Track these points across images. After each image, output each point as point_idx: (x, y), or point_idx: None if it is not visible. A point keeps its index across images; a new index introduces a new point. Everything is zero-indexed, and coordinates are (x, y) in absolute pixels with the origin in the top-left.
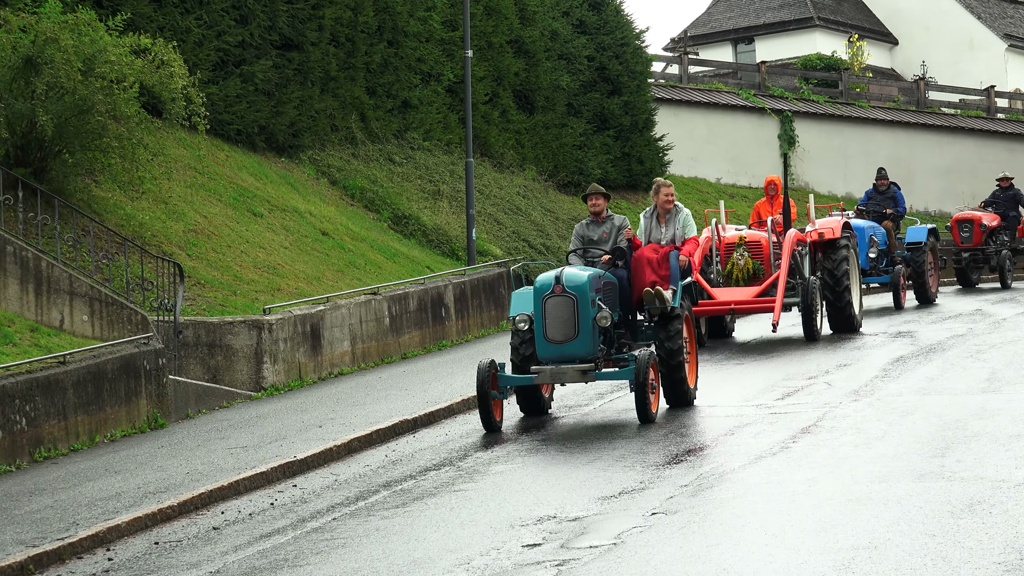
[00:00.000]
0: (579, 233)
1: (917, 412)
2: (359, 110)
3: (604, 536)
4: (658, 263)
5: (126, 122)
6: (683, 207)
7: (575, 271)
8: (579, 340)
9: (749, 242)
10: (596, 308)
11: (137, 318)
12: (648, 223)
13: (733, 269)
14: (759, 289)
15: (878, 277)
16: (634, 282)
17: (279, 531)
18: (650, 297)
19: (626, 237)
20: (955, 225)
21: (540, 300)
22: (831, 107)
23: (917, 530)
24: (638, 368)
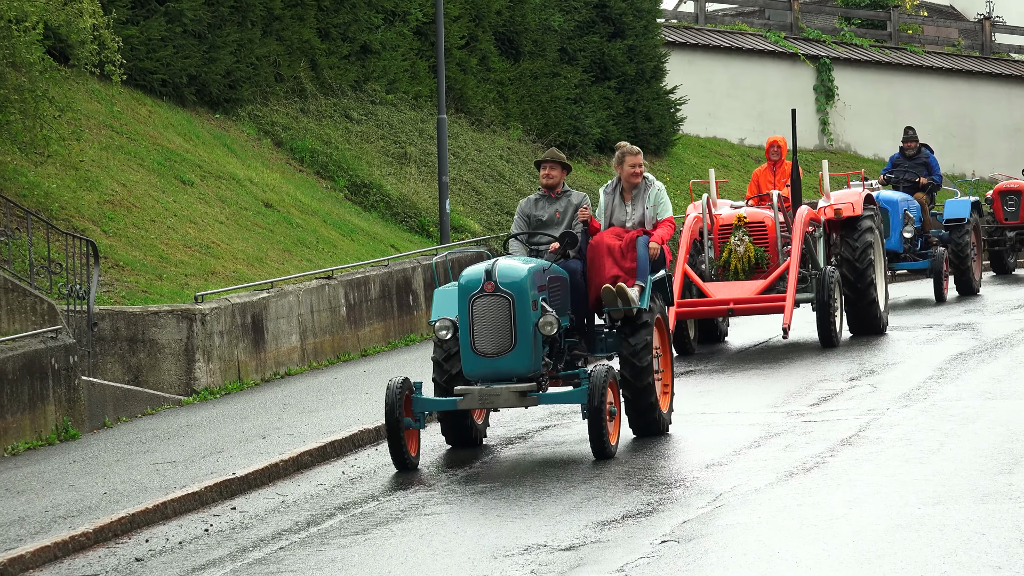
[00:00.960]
0: (524, 212)
1: (980, 420)
2: (309, 56)
3: (604, 569)
4: (622, 252)
5: (27, 70)
6: (655, 180)
7: (512, 263)
8: (516, 352)
9: (750, 223)
10: (539, 311)
11: (43, 307)
12: (610, 201)
13: (731, 258)
14: (764, 283)
15: (914, 263)
16: (591, 277)
17: (215, 563)
18: (610, 296)
19: (581, 219)
20: (997, 197)
21: (466, 301)
22: (878, 53)
23: (979, 562)
24: (592, 389)
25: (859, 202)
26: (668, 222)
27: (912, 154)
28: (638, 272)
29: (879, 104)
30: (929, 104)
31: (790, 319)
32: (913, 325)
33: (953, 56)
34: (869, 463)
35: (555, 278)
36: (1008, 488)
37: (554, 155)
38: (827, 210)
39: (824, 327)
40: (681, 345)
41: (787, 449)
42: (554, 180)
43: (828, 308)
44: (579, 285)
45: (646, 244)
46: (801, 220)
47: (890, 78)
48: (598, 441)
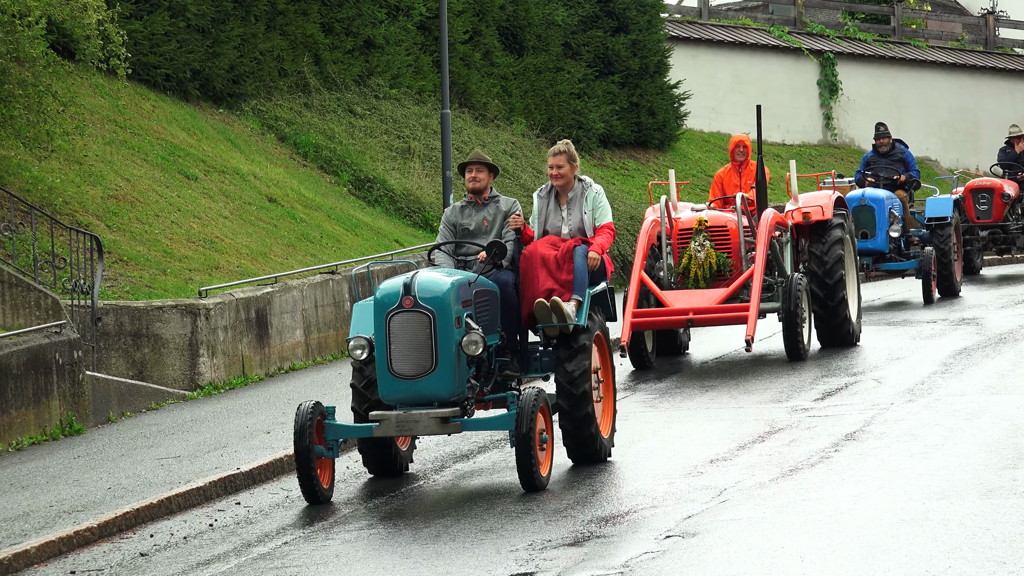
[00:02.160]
0: (449, 221)
1: (984, 415)
2: (313, 51)
3: (609, 564)
4: (557, 263)
5: (31, 65)
6: (593, 182)
7: (434, 276)
8: (437, 374)
9: (712, 227)
10: (463, 329)
11: (47, 302)
12: (544, 207)
13: (691, 264)
14: (726, 292)
15: (900, 263)
16: (524, 290)
17: (219, 558)
18: (544, 312)
19: (513, 227)
20: (969, 195)
21: (383, 318)
22: (881, 47)
23: (984, 556)
24: (520, 414)
25: (829, 205)
26: (607, 228)
27: (886, 151)
28: (575, 285)
29: (883, 99)
30: (933, 99)
31: (754, 330)
32: (917, 320)
33: (957, 51)
34: (873, 458)
35: (483, 292)
36: (1013, 483)
37: (479, 157)
38: (795, 213)
39: (791, 339)
40: (638, 358)
41: (791, 444)
42: (481, 184)
43: (795, 318)
44: (511, 299)
45: (584, 254)
46: (766, 224)
47: (894, 73)
48: (527, 472)
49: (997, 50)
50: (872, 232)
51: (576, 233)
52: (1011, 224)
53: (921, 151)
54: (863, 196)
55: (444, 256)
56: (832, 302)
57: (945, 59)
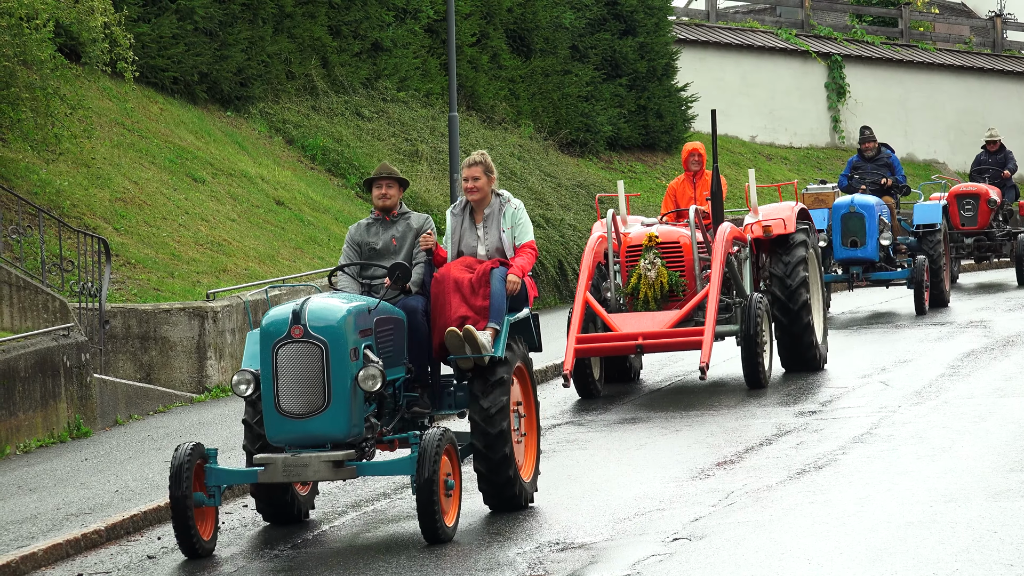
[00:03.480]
0: (354, 239)
1: (992, 417)
2: (320, 54)
3: (616, 566)
4: (472, 287)
5: (39, 68)
6: (512, 197)
7: (327, 303)
8: (330, 413)
9: (663, 244)
10: (360, 361)
11: (55, 305)
12: (458, 224)
13: (640, 284)
14: (679, 314)
15: (891, 272)
16: (435, 318)
17: (227, 560)
18: (455, 341)
19: (424, 247)
20: (953, 201)
21: (270, 350)
22: (889, 50)
23: (992, 559)
24: (422, 457)
25: (791, 217)
26: (529, 248)
27: (872, 155)
28: (491, 311)
29: (890, 101)
30: (940, 101)
31: (709, 357)
32: (924, 323)
33: (964, 53)
34: (881, 460)
35: (386, 320)
36: (1020, 485)
37: (387, 170)
38: (754, 227)
39: (750, 364)
40: (584, 387)
41: (799, 447)
42: (390, 201)
43: (755, 342)
44: (420, 328)
45: (502, 277)
46: (723, 239)
47: (901, 75)
48: (429, 521)
49: (1005, 52)
50: (862, 240)
51: (494, 254)
52: (996, 231)
53: (929, 154)
54: (852, 203)
55: (347, 279)
56: (796, 328)
57: (953, 62)
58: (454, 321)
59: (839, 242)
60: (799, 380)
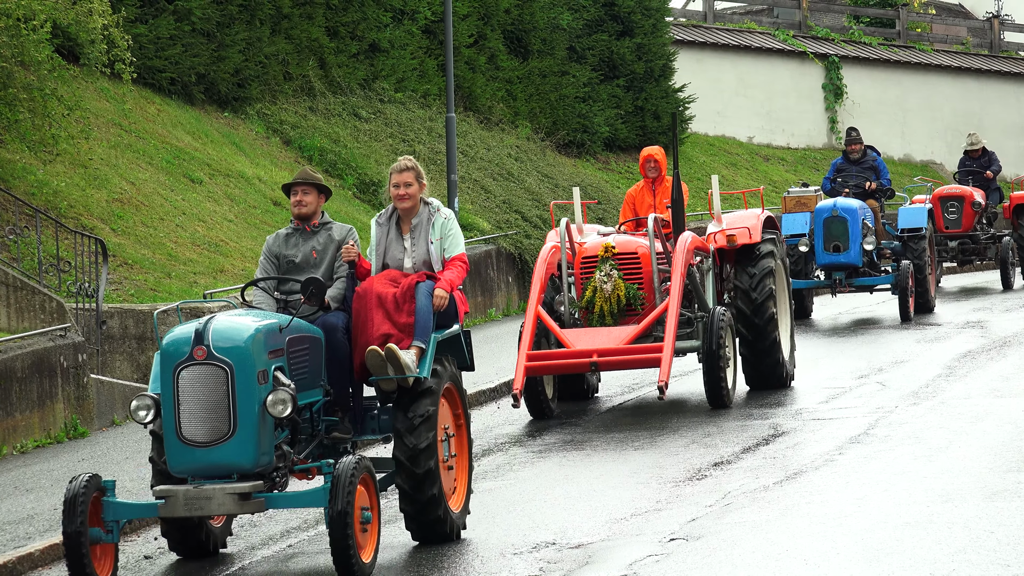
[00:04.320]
0: (271, 251)
1: (989, 418)
2: (318, 55)
3: (613, 567)
4: (396, 303)
5: (36, 69)
6: (441, 206)
7: (233, 321)
8: (236, 441)
9: (620, 255)
10: (270, 385)
11: (52, 305)
12: (383, 235)
13: (595, 298)
14: (637, 329)
15: (875, 278)
16: (356, 336)
17: (224, 560)
18: (376, 361)
19: (345, 259)
20: (937, 203)
21: (171, 372)
22: (886, 51)
23: (989, 559)
24: (335, 488)
25: (757, 226)
26: (459, 261)
27: (857, 158)
28: (417, 329)
29: (888, 102)
30: (938, 102)
31: (668, 375)
32: (922, 323)
33: (962, 54)
34: (877, 461)
35: (300, 339)
36: (1017, 486)
37: (305, 175)
38: (717, 236)
39: (713, 382)
40: (536, 406)
41: (795, 447)
42: (308, 208)
43: (717, 359)
44: (340, 347)
45: (429, 292)
46: (684, 250)
47: (899, 76)
48: (342, 558)
49: (1002, 54)
50: (845, 245)
51: (421, 267)
52: (980, 234)
53: (926, 155)
54: (835, 206)
55: (263, 295)
56: (762, 344)
57: (950, 63)
58: (376, 339)
59: (821, 247)
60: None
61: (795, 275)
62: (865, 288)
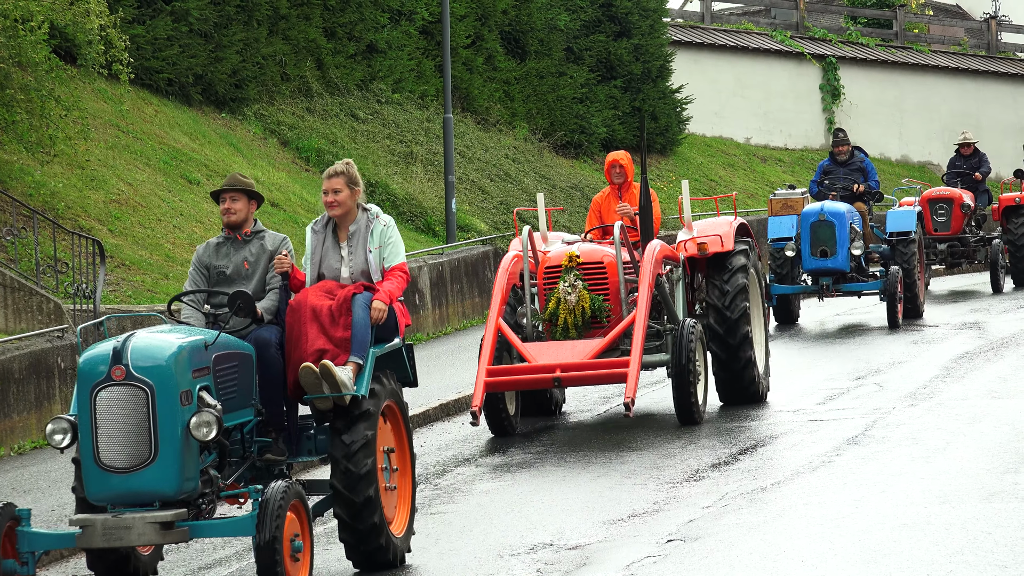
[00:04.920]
0: (201, 262)
1: (986, 419)
2: (315, 56)
3: (610, 567)
4: (332, 316)
5: (34, 70)
6: (381, 212)
7: (153, 339)
8: (158, 466)
9: (585, 264)
10: (193, 406)
11: (49, 306)
12: (319, 244)
13: (559, 310)
14: (602, 343)
15: (863, 284)
16: (290, 352)
17: (221, 562)
18: (311, 379)
19: (279, 269)
20: (926, 205)
21: (87, 394)
22: (884, 52)
23: (986, 561)
24: (262, 515)
25: (730, 234)
26: (399, 271)
27: (844, 159)
28: (353, 343)
29: (885, 103)
30: (935, 103)
31: (634, 391)
32: (919, 324)
33: (959, 55)
34: (875, 462)
35: (228, 356)
36: (1014, 487)
37: (234, 180)
38: (688, 244)
39: (682, 398)
40: (497, 424)
41: (793, 448)
42: (235, 216)
43: (687, 373)
44: (272, 363)
45: (366, 304)
46: (652, 259)
47: (896, 77)
48: None
49: (999, 55)
50: (832, 249)
51: (359, 277)
52: (970, 236)
53: (924, 156)
54: (822, 210)
55: (191, 309)
56: (736, 364)
57: (947, 64)
58: (310, 355)
59: (808, 251)
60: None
61: (781, 280)
62: (853, 293)
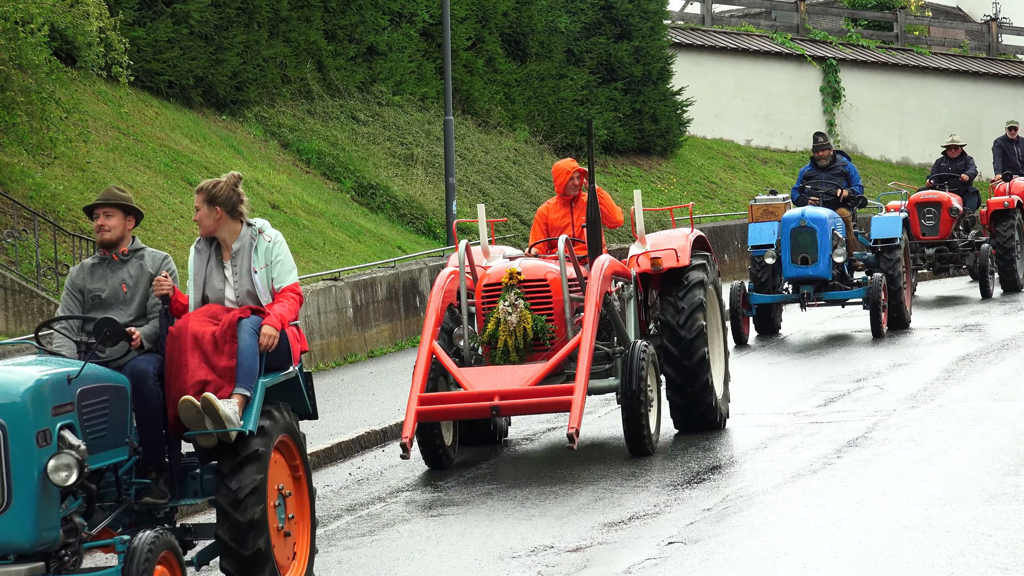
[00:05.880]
0: (76, 284)
1: (986, 421)
2: (316, 58)
3: (611, 570)
4: (216, 343)
5: (34, 72)
6: (268, 228)
7: (12, 372)
8: (11, 515)
9: (527, 281)
10: (53, 447)
11: (50, 309)
12: (202, 264)
13: (499, 331)
14: (545, 367)
15: (845, 292)
16: (170, 383)
17: None
18: (192, 414)
19: (159, 292)
20: (913, 209)
21: None
22: (884, 54)
23: (986, 563)
24: (126, 569)
25: (686, 248)
26: (291, 292)
27: (826, 164)
28: (239, 373)
29: (886, 105)
30: (935, 105)
31: (579, 420)
32: (919, 326)
33: (959, 57)
34: (876, 464)
35: (97, 389)
36: (1015, 489)
37: (109, 195)
38: (640, 259)
39: (633, 427)
40: (432, 455)
41: (794, 450)
42: (110, 234)
43: (638, 400)
44: (150, 396)
45: (254, 329)
46: (600, 275)
47: (896, 79)
48: None
49: (1000, 57)
50: (813, 257)
51: (245, 300)
52: (958, 241)
53: (924, 158)
54: (803, 216)
55: (63, 337)
56: (693, 388)
57: (948, 66)
58: (191, 387)
59: (788, 259)
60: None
61: (761, 288)
62: (836, 302)
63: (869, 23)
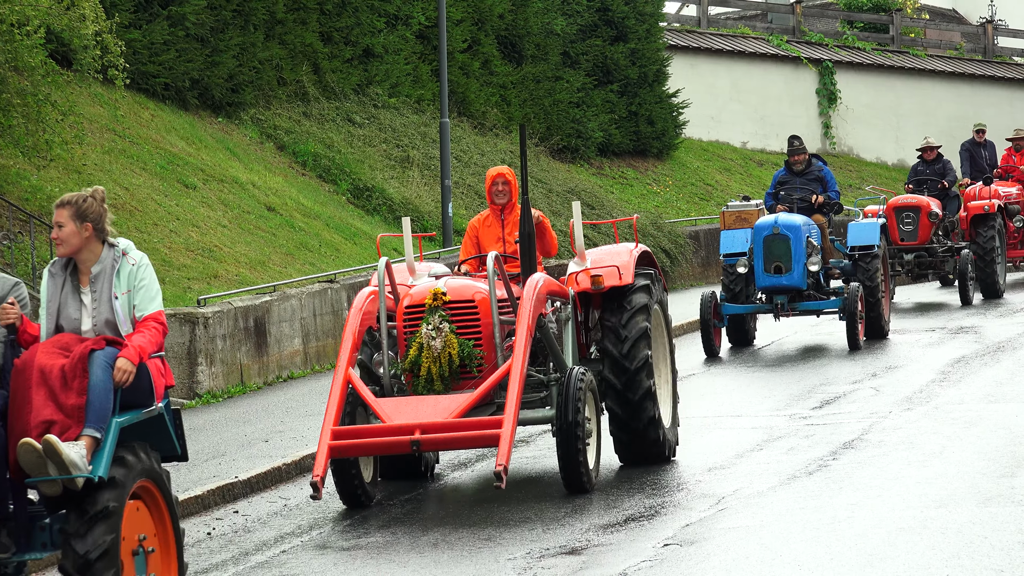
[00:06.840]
0: None
1: (982, 423)
2: (311, 60)
3: (606, 572)
4: (65, 379)
5: (30, 74)
6: (132, 250)
7: None
8: None
9: (453, 303)
10: None
11: None
12: (56, 289)
13: (422, 358)
14: (471, 398)
15: (821, 302)
16: (12, 423)
17: (217, 566)
18: (32, 458)
19: (5, 321)
20: (891, 214)
21: None
22: (880, 56)
23: (982, 564)
24: None
25: (628, 264)
26: (153, 322)
27: (801, 169)
28: (89, 412)
29: (882, 108)
30: (931, 107)
31: (508, 456)
32: (915, 328)
33: (955, 59)
34: (871, 466)
35: None
36: (1010, 491)
37: None
38: (579, 278)
39: (569, 461)
40: (350, 494)
41: (789, 452)
42: None
43: (574, 433)
44: None
45: (108, 363)
46: (533, 296)
47: (893, 81)
48: None
49: (996, 59)
50: (787, 266)
51: (103, 329)
52: (937, 246)
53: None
54: (776, 223)
55: None
56: (637, 423)
57: (944, 68)
58: (35, 428)
59: (761, 267)
60: (789, 387)
61: (734, 299)
62: (811, 312)
63: (865, 25)
